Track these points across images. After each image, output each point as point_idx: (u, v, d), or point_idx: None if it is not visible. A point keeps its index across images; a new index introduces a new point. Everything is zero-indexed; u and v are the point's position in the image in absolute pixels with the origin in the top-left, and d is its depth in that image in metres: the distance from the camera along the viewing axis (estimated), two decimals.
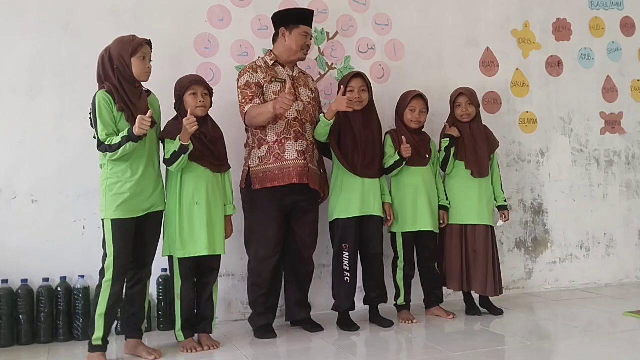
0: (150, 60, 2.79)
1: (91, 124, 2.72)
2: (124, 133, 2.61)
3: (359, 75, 3.32)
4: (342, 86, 3.24)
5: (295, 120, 3.18)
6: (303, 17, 3.26)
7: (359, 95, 3.27)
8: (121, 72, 2.69)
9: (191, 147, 2.78)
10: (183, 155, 2.77)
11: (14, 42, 3.26)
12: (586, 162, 4.38)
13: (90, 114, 2.71)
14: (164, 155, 2.85)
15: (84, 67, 3.12)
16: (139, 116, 2.58)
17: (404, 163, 3.34)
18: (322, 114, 3.20)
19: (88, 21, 3.35)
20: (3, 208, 3.20)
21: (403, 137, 3.34)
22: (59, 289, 3.15)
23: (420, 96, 3.45)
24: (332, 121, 3.13)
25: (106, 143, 2.62)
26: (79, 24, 3.35)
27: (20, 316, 3.07)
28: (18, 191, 3.22)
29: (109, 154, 2.63)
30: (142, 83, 2.78)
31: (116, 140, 2.61)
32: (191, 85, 2.92)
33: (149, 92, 2.86)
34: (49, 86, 3.29)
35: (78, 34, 3.34)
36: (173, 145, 2.78)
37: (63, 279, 3.17)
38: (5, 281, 3.08)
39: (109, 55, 2.71)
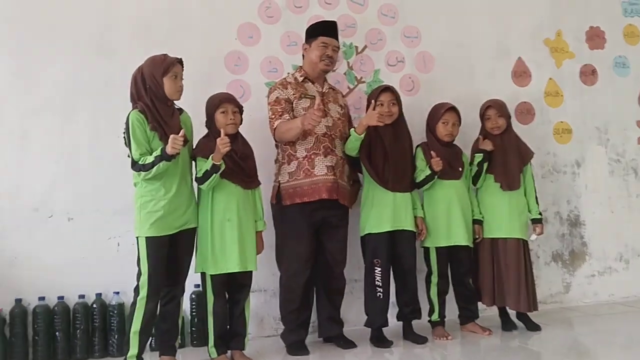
0: (182, 79, 2.82)
1: (125, 143, 2.76)
2: (157, 152, 2.63)
3: (388, 88, 3.31)
4: (371, 100, 3.22)
5: (324, 136, 3.17)
6: (321, 29, 3.29)
7: (389, 109, 3.26)
8: (153, 92, 2.72)
9: (223, 167, 2.79)
10: (215, 174, 2.78)
11: (49, 63, 3.33)
12: (623, 173, 4.26)
13: (124, 133, 2.75)
14: (196, 174, 2.87)
15: (118, 86, 3.15)
16: (171, 135, 2.60)
17: (436, 177, 3.31)
18: (352, 129, 3.19)
19: (121, 41, 3.42)
20: (40, 226, 3.26)
21: (432, 151, 3.31)
22: (94, 305, 3.19)
23: (453, 109, 3.41)
24: (362, 136, 3.12)
25: (140, 162, 2.65)
26: (113, 43, 3.41)
27: (57, 333, 3.11)
28: (54, 209, 3.29)
29: (142, 172, 2.65)
30: (174, 101, 2.81)
31: (149, 159, 2.64)
32: (221, 104, 2.93)
33: (181, 111, 2.88)
34: (84, 106, 3.36)
35: (112, 53, 3.40)
36: (205, 164, 2.80)
37: (98, 295, 3.22)
38: (42, 298, 3.13)
39: (141, 75, 2.75)
